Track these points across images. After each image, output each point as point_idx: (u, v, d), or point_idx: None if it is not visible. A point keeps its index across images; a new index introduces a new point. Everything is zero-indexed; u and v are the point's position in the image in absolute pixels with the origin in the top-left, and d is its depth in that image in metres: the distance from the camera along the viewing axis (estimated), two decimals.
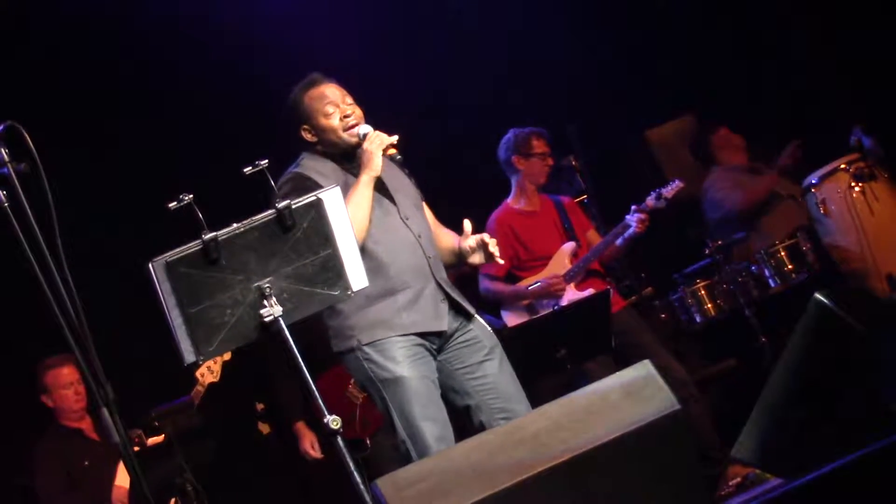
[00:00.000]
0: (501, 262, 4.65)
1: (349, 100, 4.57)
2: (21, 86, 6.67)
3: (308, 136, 4.58)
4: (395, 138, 4.44)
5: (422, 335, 4.41)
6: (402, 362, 4.34)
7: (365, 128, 4.49)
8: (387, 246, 4.42)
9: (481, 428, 4.40)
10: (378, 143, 4.40)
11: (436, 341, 4.46)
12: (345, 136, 4.51)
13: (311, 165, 4.54)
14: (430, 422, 4.31)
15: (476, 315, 4.59)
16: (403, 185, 4.65)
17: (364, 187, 4.37)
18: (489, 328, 4.62)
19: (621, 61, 8.20)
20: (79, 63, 6.98)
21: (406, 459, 4.31)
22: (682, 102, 8.44)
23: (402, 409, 4.32)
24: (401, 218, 4.52)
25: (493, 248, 4.51)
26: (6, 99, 6.18)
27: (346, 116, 4.52)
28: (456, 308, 4.51)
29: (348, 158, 4.53)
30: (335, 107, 4.53)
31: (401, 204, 4.55)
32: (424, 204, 4.75)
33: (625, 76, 8.23)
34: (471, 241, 4.57)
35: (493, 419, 4.42)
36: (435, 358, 4.47)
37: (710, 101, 8.20)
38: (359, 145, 4.49)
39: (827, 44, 7.95)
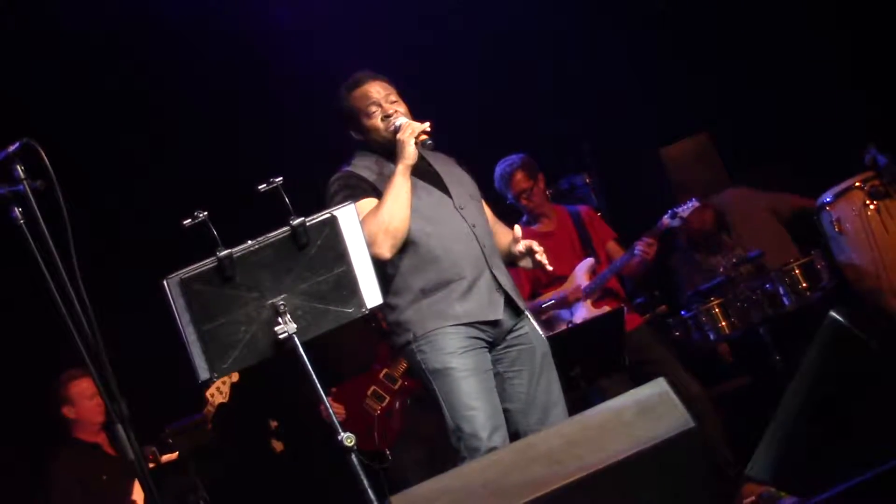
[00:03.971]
0: (550, 268, 4.65)
1: (393, 97, 4.63)
2: (32, 97, 6.70)
3: (355, 135, 4.67)
4: (426, 125, 4.47)
5: (476, 326, 4.43)
6: (453, 353, 4.37)
7: (400, 120, 4.52)
8: (440, 238, 4.46)
9: (516, 435, 4.42)
10: (409, 132, 4.43)
11: (491, 333, 4.48)
12: (387, 134, 4.55)
13: (361, 164, 4.61)
14: (478, 412, 4.33)
15: (528, 315, 4.63)
16: (458, 177, 4.71)
17: (400, 177, 4.41)
18: (540, 332, 4.64)
19: (636, 78, 8.20)
20: (87, 70, 7.00)
21: (455, 451, 4.36)
22: (697, 120, 8.43)
23: (449, 400, 4.35)
24: (455, 208, 4.56)
25: (541, 256, 4.56)
26: (20, 114, 6.23)
27: (388, 116, 4.56)
28: (510, 302, 4.53)
29: (395, 154, 4.55)
30: (377, 106, 4.58)
31: (455, 194, 4.60)
32: (483, 202, 4.80)
33: (639, 94, 8.23)
34: (520, 245, 4.62)
35: (531, 429, 4.45)
36: (490, 350, 4.50)
37: (724, 119, 8.19)
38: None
39: (843, 62, 7.94)
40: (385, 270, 4.37)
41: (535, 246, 4.59)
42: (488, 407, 4.37)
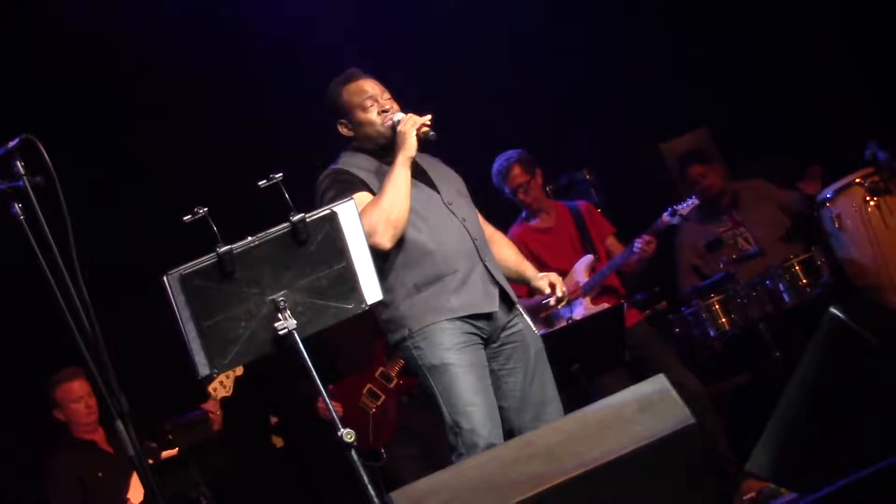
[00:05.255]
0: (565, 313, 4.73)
1: (387, 95, 4.61)
2: (34, 95, 6.70)
3: (345, 131, 4.63)
4: (427, 117, 4.45)
5: (472, 321, 4.40)
6: (450, 349, 4.34)
7: (399, 115, 4.51)
8: (431, 232, 4.44)
9: (510, 433, 4.40)
10: (411, 124, 4.42)
11: (486, 329, 4.46)
12: (382, 129, 4.54)
13: (350, 161, 4.58)
14: (477, 408, 4.30)
15: (522, 310, 4.61)
16: (445, 174, 4.70)
17: (400, 168, 4.39)
18: (534, 328, 4.63)
19: (635, 74, 8.19)
20: (88, 67, 7.00)
21: (451, 448, 4.33)
22: (697, 116, 8.42)
23: (447, 396, 4.32)
24: (444, 204, 4.54)
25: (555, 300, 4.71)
26: (21, 109, 6.23)
27: (384, 111, 4.55)
28: (504, 296, 4.52)
29: (386, 152, 4.54)
30: (373, 101, 4.57)
31: (443, 191, 4.58)
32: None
33: (639, 89, 8.22)
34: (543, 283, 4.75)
35: (525, 427, 4.43)
36: (485, 347, 4.47)
37: (724, 115, 8.18)
38: (394, 135, 4.50)
39: (842, 59, 7.94)
40: (378, 267, 4.34)
41: (558, 289, 4.70)
42: (486, 403, 4.35)
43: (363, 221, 4.11)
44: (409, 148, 4.40)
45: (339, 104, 4.62)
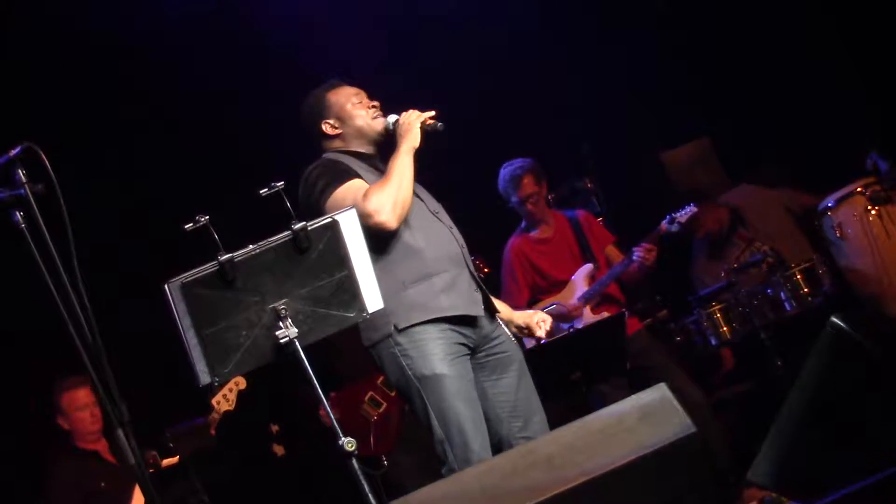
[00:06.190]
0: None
1: (374, 102, 4.61)
2: (34, 96, 6.71)
3: (329, 130, 4.59)
4: (431, 112, 4.45)
5: (459, 329, 4.36)
6: (442, 359, 4.28)
7: (394, 116, 4.50)
8: (422, 232, 4.41)
9: (498, 445, 4.37)
10: (415, 117, 4.41)
11: (472, 338, 4.42)
12: (373, 123, 4.53)
13: (336, 157, 4.54)
14: (469, 422, 4.26)
15: (501, 322, 4.59)
16: (425, 191, 4.66)
17: (405, 156, 4.36)
18: (514, 339, 4.62)
19: (636, 82, 8.20)
20: (87, 71, 7.00)
21: (442, 461, 4.28)
22: (698, 125, 8.43)
23: (440, 409, 4.25)
24: (430, 212, 4.52)
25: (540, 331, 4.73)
26: (21, 111, 6.24)
27: (372, 107, 4.55)
28: (487, 303, 4.50)
29: (375, 151, 4.54)
30: (361, 100, 4.57)
31: (427, 201, 4.56)
32: None
33: (640, 98, 8.23)
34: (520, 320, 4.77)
35: (513, 437, 4.40)
36: (471, 358, 4.43)
37: (724, 124, 8.19)
38: (384, 134, 4.51)
39: (843, 64, 7.94)
40: None
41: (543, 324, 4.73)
42: (477, 416, 4.31)
43: (368, 202, 4.12)
44: (413, 138, 4.38)
45: (324, 105, 4.59)
